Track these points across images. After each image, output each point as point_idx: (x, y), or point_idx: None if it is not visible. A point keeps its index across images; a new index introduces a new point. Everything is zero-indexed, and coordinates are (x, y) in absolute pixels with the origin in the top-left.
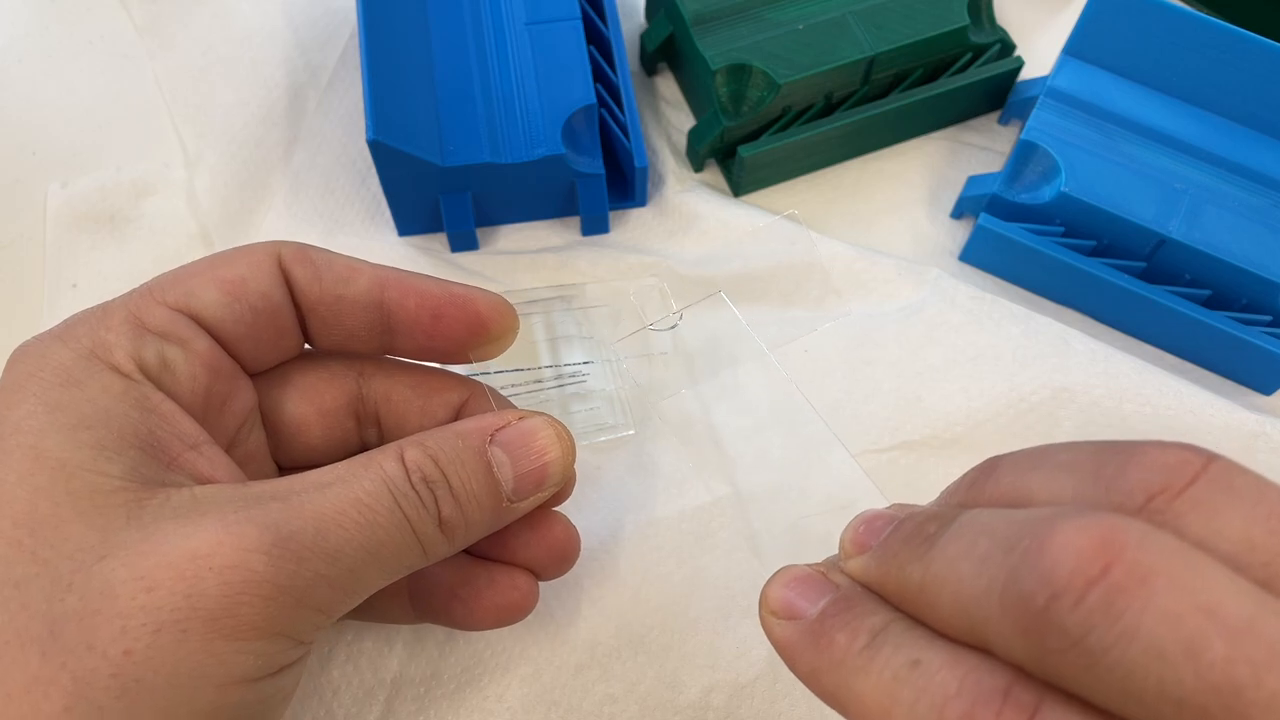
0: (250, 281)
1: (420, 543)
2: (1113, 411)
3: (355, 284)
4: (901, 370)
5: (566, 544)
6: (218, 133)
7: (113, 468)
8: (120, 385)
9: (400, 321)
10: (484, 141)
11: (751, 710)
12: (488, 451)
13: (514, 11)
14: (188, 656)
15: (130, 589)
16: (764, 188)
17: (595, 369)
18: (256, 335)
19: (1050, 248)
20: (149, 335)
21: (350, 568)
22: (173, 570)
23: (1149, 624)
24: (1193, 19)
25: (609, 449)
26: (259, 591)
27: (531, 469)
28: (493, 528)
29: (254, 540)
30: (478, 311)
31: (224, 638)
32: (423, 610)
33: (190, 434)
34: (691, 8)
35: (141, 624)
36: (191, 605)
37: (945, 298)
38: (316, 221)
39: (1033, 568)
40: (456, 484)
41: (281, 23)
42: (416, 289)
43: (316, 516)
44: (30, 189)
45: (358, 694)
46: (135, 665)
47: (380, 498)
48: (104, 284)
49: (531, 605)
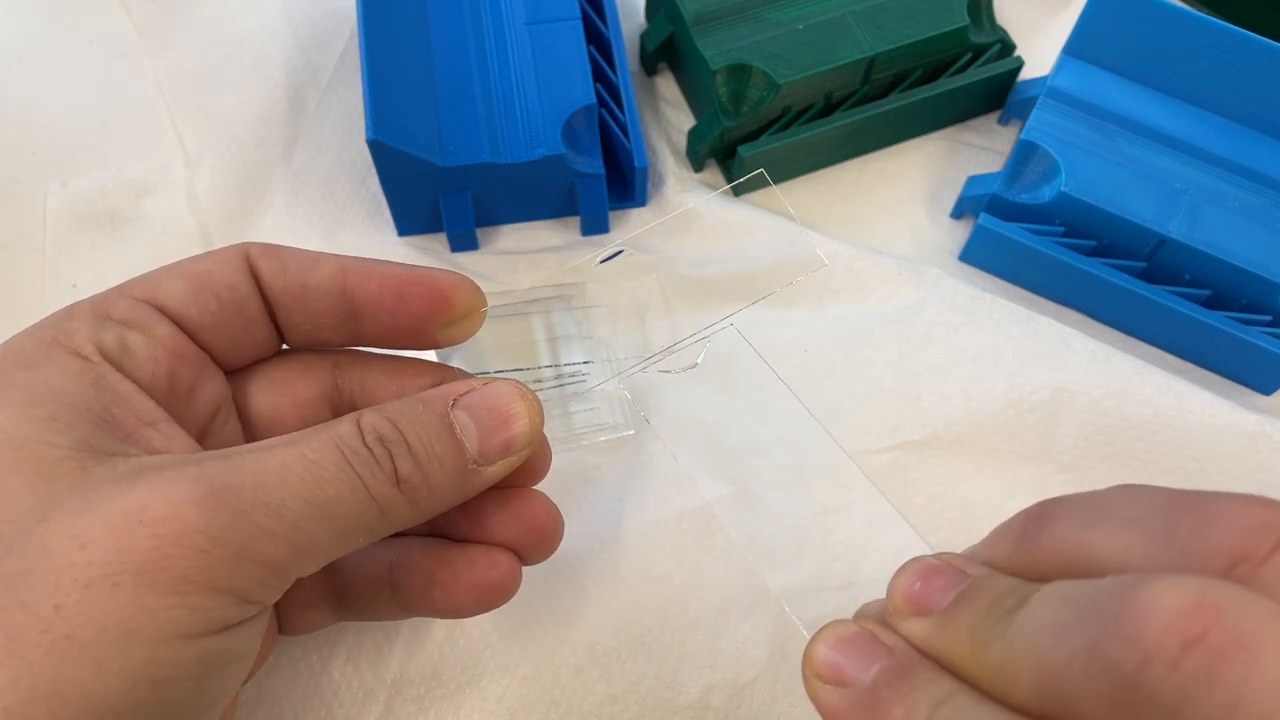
0: (216, 273)
1: (377, 503)
2: (1113, 411)
3: (318, 271)
4: (901, 370)
5: (546, 521)
6: (218, 133)
7: (61, 439)
8: (77, 366)
9: (364, 305)
10: (484, 141)
11: (751, 710)
12: (450, 414)
13: (514, 11)
14: (117, 610)
15: (65, 547)
16: (764, 187)
17: (595, 369)
18: (223, 324)
19: (1050, 248)
20: (111, 322)
21: (295, 523)
22: (106, 527)
23: (1255, 692)
24: (1193, 19)
25: (609, 449)
26: (191, 543)
27: (495, 428)
28: (462, 493)
29: (186, 493)
30: (440, 289)
31: (155, 591)
32: (405, 601)
33: (147, 412)
34: (691, 8)
35: (73, 580)
36: (121, 559)
37: (945, 298)
38: (316, 221)
39: (1122, 630)
40: (415, 443)
41: (281, 23)
42: (378, 272)
43: (257, 471)
44: (30, 189)
45: (358, 694)
46: (64, 621)
47: (328, 453)
48: (104, 284)
49: (513, 586)
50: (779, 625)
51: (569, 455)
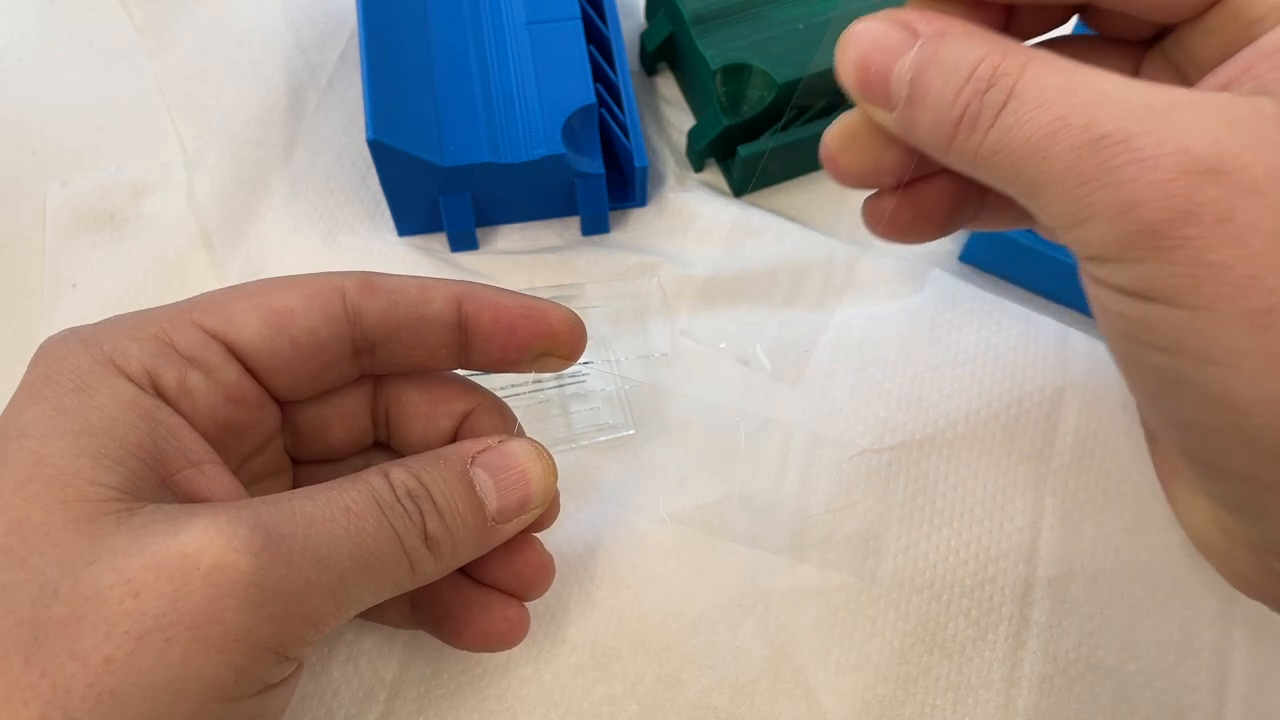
0: (299, 315)
1: (408, 558)
2: (1113, 411)
3: (433, 304)
4: (901, 370)
5: (538, 569)
6: (218, 133)
7: (109, 477)
8: (130, 394)
9: (476, 336)
10: (484, 141)
11: (751, 710)
12: (469, 472)
13: (514, 11)
14: (166, 669)
15: (117, 594)
16: (764, 188)
17: (595, 369)
18: (294, 370)
19: (1050, 248)
20: (175, 355)
21: (340, 576)
22: (159, 572)
23: None
24: None
25: (609, 449)
26: (245, 596)
27: (513, 487)
28: (480, 549)
29: (244, 540)
30: (549, 326)
31: (205, 649)
32: (420, 619)
33: (196, 451)
34: (691, 8)
35: (125, 630)
36: (175, 610)
37: (945, 298)
38: (316, 221)
39: None
40: (441, 500)
41: (281, 23)
42: (491, 302)
43: (306, 520)
44: (30, 189)
45: (358, 694)
46: (113, 675)
47: (367, 505)
48: (104, 284)
49: (519, 637)
50: (779, 625)
51: (569, 455)
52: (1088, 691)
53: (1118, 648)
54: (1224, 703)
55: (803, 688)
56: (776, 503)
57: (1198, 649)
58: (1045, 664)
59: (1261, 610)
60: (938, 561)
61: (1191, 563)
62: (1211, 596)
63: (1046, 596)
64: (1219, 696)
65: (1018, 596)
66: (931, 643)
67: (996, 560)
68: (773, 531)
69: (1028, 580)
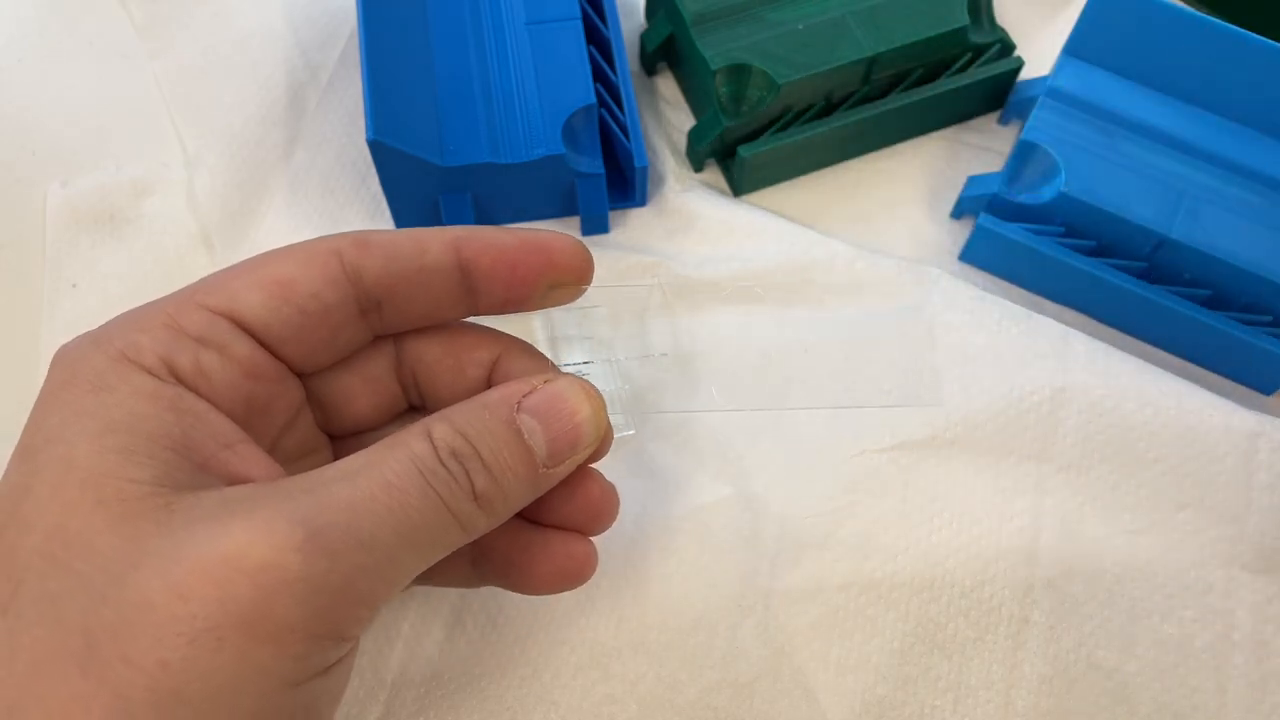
0: (299, 282)
1: (458, 520)
2: (1113, 411)
3: (429, 252)
4: (902, 370)
5: (601, 501)
6: (218, 133)
7: (142, 473)
8: (151, 387)
9: (479, 279)
10: (484, 141)
11: (751, 710)
12: (516, 420)
13: (514, 11)
14: (224, 665)
15: (164, 598)
16: (764, 188)
17: (595, 369)
18: (305, 337)
19: (1050, 248)
20: (185, 339)
21: (388, 555)
22: (205, 576)
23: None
24: (1193, 19)
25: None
26: (293, 592)
27: (563, 432)
28: (533, 495)
29: (285, 538)
30: (550, 254)
31: (259, 643)
32: (484, 575)
33: (225, 433)
34: (691, 8)
35: (176, 634)
36: (225, 611)
37: (945, 298)
38: (316, 221)
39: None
40: (489, 456)
41: (281, 23)
42: (490, 243)
43: (348, 506)
44: (30, 189)
45: (358, 695)
46: (171, 677)
47: (410, 478)
48: (104, 284)
49: (591, 570)
50: (779, 625)
51: None
52: (1088, 692)
53: (1118, 648)
54: (1224, 703)
55: (803, 688)
56: (776, 503)
57: (1198, 649)
58: (1045, 664)
59: (1261, 610)
60: (938, 561)
61: (1191, 562)
62: (1211, 596)
63: (1046, 596)
64: (1219, 696)
65: (1018, 596)
66: (931, 643)
67: (996, 560)
68: (772, 532)
69: (1028, 580)
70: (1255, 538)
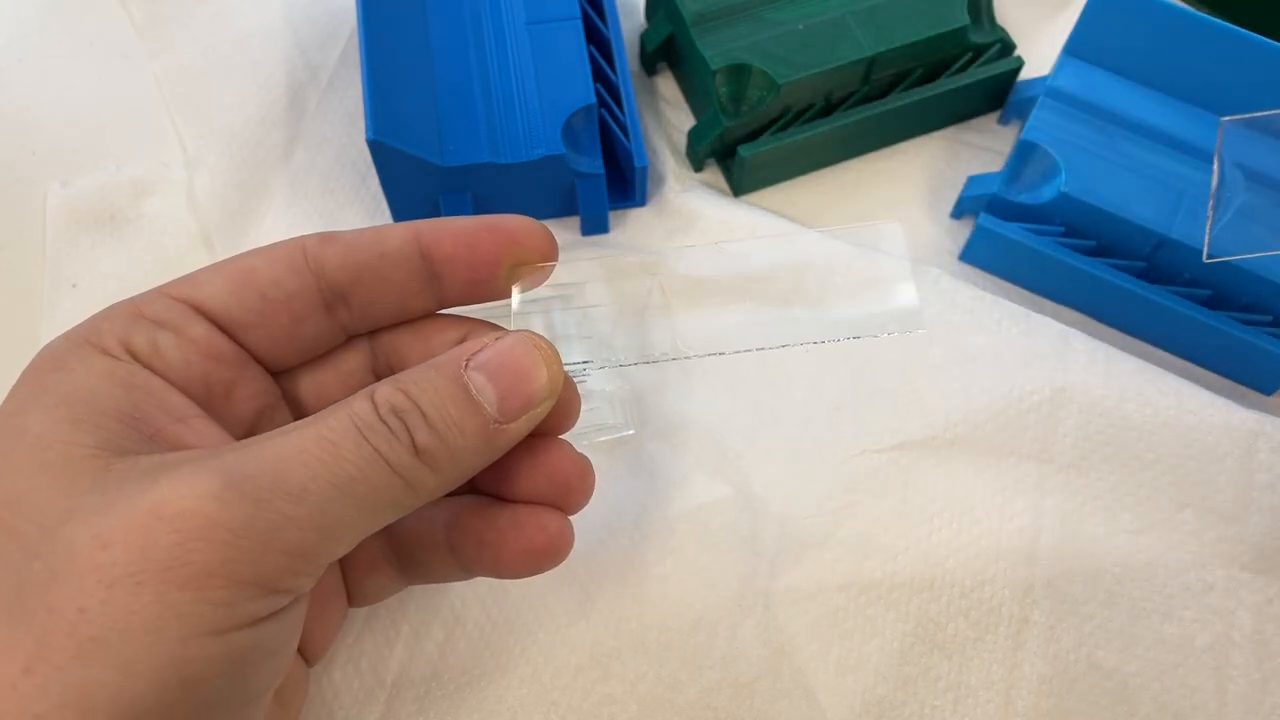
0: (261, 270)
1: (400, 476)
2: (1113, 411)
3: (390, 240)
4: (901, 370)
5: (571, 471)
6: (218, 133)
7: (86, 439)
8: (106, 365)
9: (441, 262)
10: (484, 141)
11: (751, 710)
12: (464, 376)
13: (514, 11)
14: (141, 609)
15: (88, 547)
16: (764, 188)
17: (595, 369)
18: (265, 323)
19: (1050, 248)
20: (144, 322)
21: (320, 506)
22: (128, 524)
23: None
24: (1193, 19)
25: (609, 449)
26: (213, 536)
27: (513, 385)
28: (488, 453)
29: (205, 486)
30: (509, 231)
31: (178, 588)
32: (463, 563)
33: (178, 407)
34: (691, 8)
35: (97, 581)
36: (145, 558)
37: (945, 298)
38: (316, 221)
39: None
40: (431, 411)
41: (281, 23)
42: (449, 228)
43: (276, 456)
44: (30, 189)
45: (358, 695)
46: (89, 623)
47: (344, 431)
48: (104, 284)
49: (564, 548)
50: (779, 625)
51: None
52: (1088, 692)
53: (1118, 648)
54: (1224, 703)
55: (802, 688)
56: (776, 503)
57: (1198, 649)
58: (1045, 664)
59: (1262, 610)
60: (938, 562)
61: (1191, 562)
62: (1211, 596)
63: (1046, 596)
64: (1219, 696)
65: (1018, 596)
66: (931, 643)
67: (996, 560)
68: (772, 532)
69: (1028, 580)
70: (1255, 538)
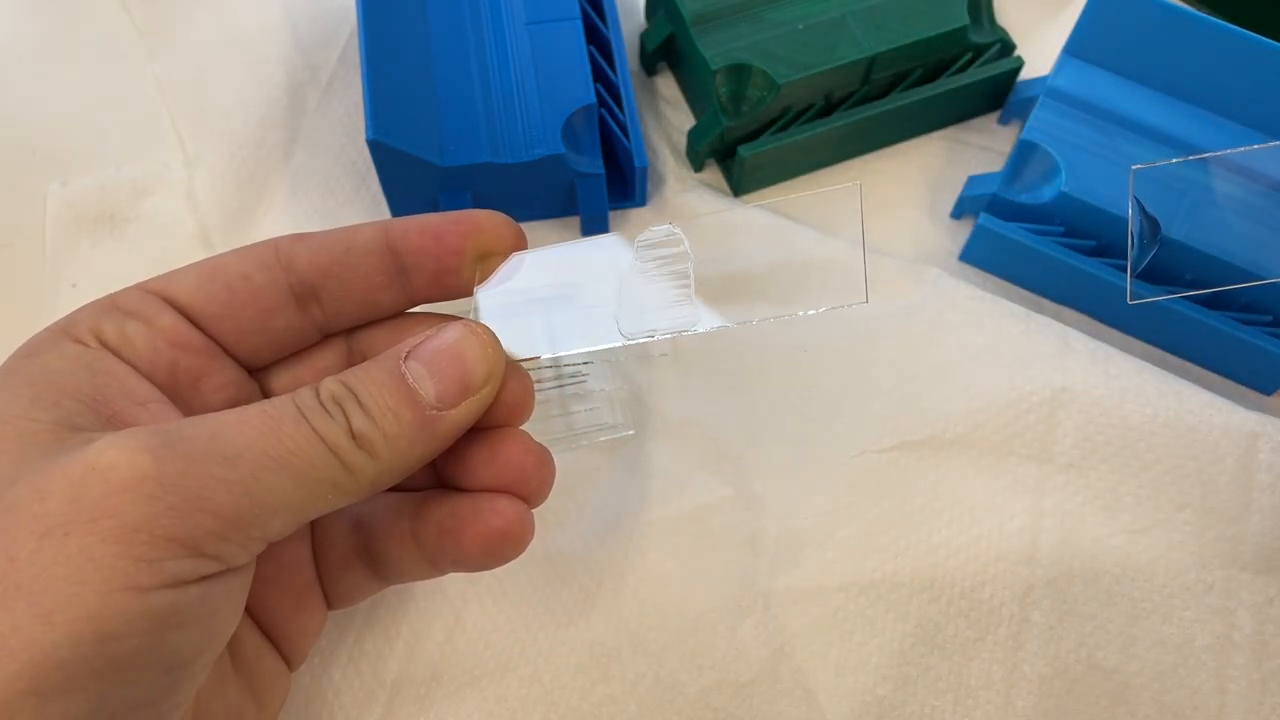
0: (231, 265)
1: (337, 456)
2: (1113, 411)
3: (359, 235)
4: (901, 370)
5: (525, 461)
6: (218, 133)
7: (44, 414)
8: (74, 351)
9: (408, 255)
10: (484, 141)
11: (751, 710)
12: (401, 366)
13: (514, 11)
14: (65, 560)
15: (27, 500)
16: (764, 187)
17: (595, 369)
18: (234, 314)
19: (1050, 248)
20: (116, 312)
21: (252, 472)
22: (64, 478)
23: None
24: (1193, 19)
25: (609, 449)
26: (141, 489)
27: (449, 372)
28: (430, 441)
29: (141, 442)
30: (476, 223)
31: (102, 540)
32: (429, 556)
33: (140, 392)
34: (691, 8)
35: (30, 532)
36: (77, 508)
37: (945, 298)
38: (317, 221)
39: None
40: (366, 398)
41: (281, 23)
42: (416, 222)
43: (216, 424)
44: (30, 189)
45: (358, 695)
46: (18, 571)
47: (285, 408)
48: (104, 284)
49: (523, 535)
50: (779, 625)
51: (569, 455)
52: (1088, 692)
53: (1118, 648)
54: (1224, 703)
55: (802, 688)
56: (776, 503)
57: (1198, 649)
58: (1045, 665)
59: (1262, 610)
60: (937, 562)
61: (1191, 563)
62: (1211, 596)
63: (1046, 597)
64: (1219, 697)
65: (1018, 597)
66: (931, 643)
67: (996, 560)
68: (772, 532)
69: (1028, 580)
70: (1255, 538)
